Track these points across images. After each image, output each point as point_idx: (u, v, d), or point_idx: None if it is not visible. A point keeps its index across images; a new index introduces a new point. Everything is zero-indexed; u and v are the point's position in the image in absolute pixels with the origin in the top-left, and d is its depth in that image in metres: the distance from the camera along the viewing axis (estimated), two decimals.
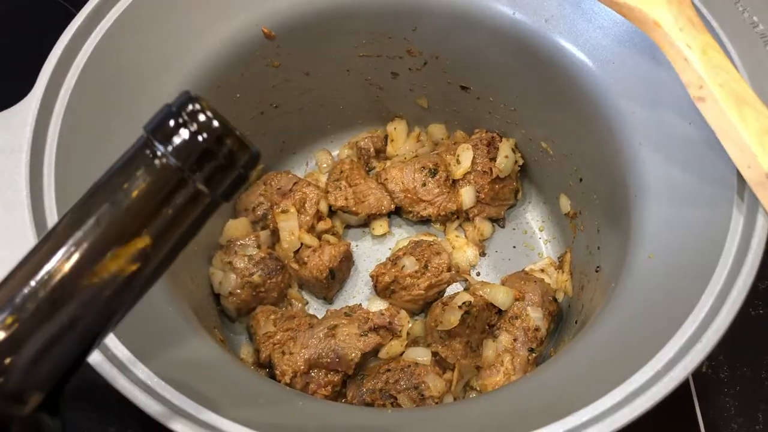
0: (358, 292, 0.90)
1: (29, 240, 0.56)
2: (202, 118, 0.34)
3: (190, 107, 0.35)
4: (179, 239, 0.36)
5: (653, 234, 0.64)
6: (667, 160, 0.66)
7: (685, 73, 0.59)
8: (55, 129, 0.62)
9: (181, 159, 0.34)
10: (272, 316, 0.81)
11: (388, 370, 0.76)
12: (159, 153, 0.34)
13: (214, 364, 0.60)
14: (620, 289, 0.63)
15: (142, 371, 0.52)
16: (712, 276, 0.55)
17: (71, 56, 0.66)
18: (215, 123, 0.35)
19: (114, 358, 0.53)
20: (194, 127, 0.34)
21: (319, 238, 0.89)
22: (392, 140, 0.99)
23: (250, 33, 0.79)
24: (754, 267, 0.54)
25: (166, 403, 0.51)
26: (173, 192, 0.35)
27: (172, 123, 0.34)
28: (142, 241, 0.34)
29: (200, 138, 0.34)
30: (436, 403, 0.74)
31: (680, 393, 0.84)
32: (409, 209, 0.92)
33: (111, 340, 0.54)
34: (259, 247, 0.85)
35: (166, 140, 0.34)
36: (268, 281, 0.83)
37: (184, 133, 0.34)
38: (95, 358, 0.52)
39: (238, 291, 0.82)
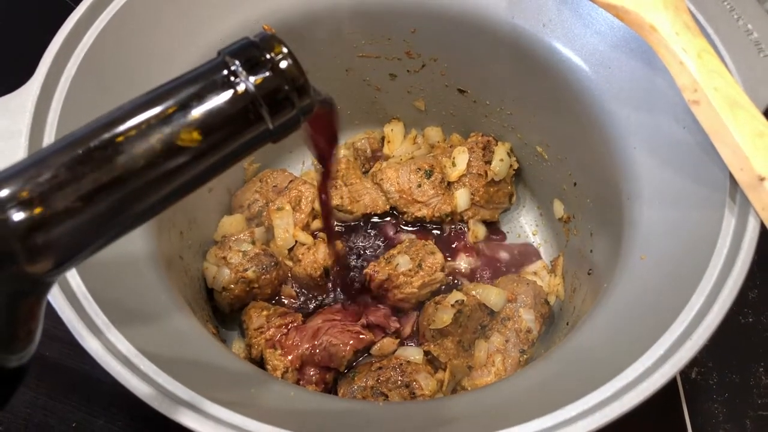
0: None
1: None
2: (281, 55, 0.38)
3: (273, 43, 0.39)
4: (221, 158, 0.38)
5: (646, 236, 0.64)
6: (660, 164, 0.67)
7: (680, 76, 0.60)
8: (55, 115, 0.62)
9: (258, 87, 0.37)
10: (265, 312, 0.81)
11: (380, 368, 0.76)
12: (237, 75, 0.37)
13: (207, 353, 0.60)
14: (612, 289, 0.63)
15: (135, 356, 0.52)
16: (703, 276, 0.55)
17: (72, 45, 0.66)
18: (292, 63, 0.39)
19: (108, 342, 0.53)
20: (274, 62, 0.38)
21: (314, 237, 0.89)
22: (389, 142, 1.00)
23: (250, 30, 0.79)
24: (744, 267, 0.55)
25: (158, 387, 0.51)
26: (240, 112, 0.37)
27: (255, 53, 0.38)
28: (194, 143, 0.37)
29: (278, 74, 0.38)
30: None
31: (669, 399, 0.85)
32: (404, 210, 0.92)
33: (107, 327, 0.54)
34: (253, 243, 0.86)
35: (246, 67, 0.37)
36: (262, 277, 0.83)
37: (264, 65, 0.38)
38: (92, 345, 0.52)
39: (232, 286, 0.83)
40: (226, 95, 0.37)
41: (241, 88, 0.37)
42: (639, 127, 0.69)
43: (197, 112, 0.36)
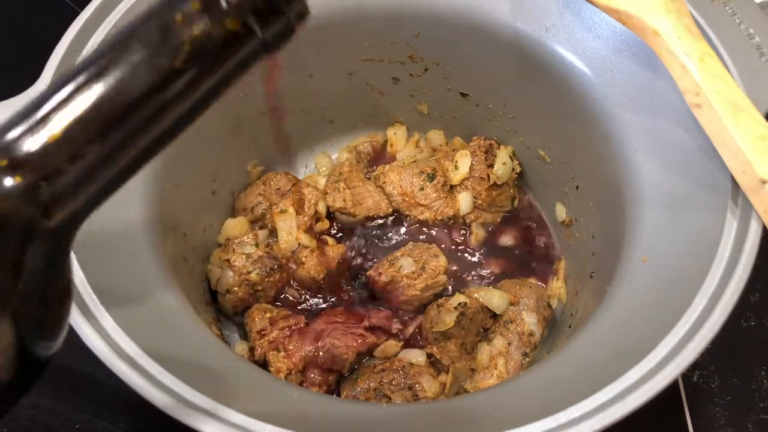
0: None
1: None
2: None
3: None
4: (215, 83, 0.36)
5: (648, 238, 0.65)
6: (662, 167, 0.67)
7: (682, 80, 0.60)
8: None
9: None
10: (268, 314, 0.82)
11: (383, 370, 0.77)
12: None
13: (211, 353, 0.60)
14: (614, 291, 0.64)
15: (140, 356, 0.53)
16: (706, 278, 0.56)
17: (78, 48, 0.67)
18: None
19: (113, 343, 0.53)
20: None
21: (317, 240, 0.90)
22: (391, 145, 1.00)
23: None
24: (746, 270, 0.55)
25: (171, 393, 0.51)
26: (226, 27, 0.35)
27: None
28: (187, 69, 0.35)
29: None
30: None
31: (671, 402, 0.85)
32: (407, 213, 0.92)
33: (111, 327, 0.54)
34: (257, 245, 0.86)
35: None
36: (266, 280, 0.84)
37: None
38: (97, 345, 0.52)
39: (236, 289, 0.83)
40: (213, 11, 0.34)
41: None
42: (641, 131, 0.70)
43: (184, 33, 0.34)
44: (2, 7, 1.18)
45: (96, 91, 0.34)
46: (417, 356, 0.79)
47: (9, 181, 0.32)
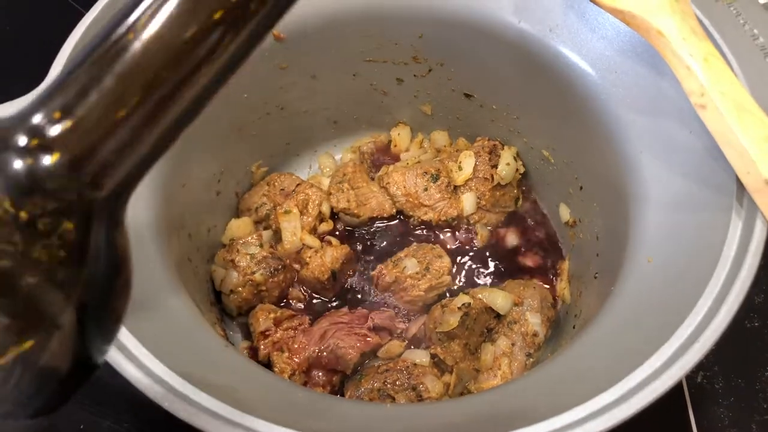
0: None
1: None
2: None
3: None
4: (252, 31, 0.35)
5: (652, 239, 0.65)
6: (667, 168, 0.67)
7: (686, 80, 0.60)
8: None
9: None
10: (272, 315, 0.82)
11: (387, 370, 0.77)
12: None
13: (216, 355, 0.60)
14: (618, 291, 0.64)
15: (145, 357, 0.53)
16: (711, 279, 0.56)
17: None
18: None
19: (123, 347, 0.53)
20: None
21: (321, 240, 0.90)
22: (395, 146, 1.00)
23: None
24: (751, 271, 0.55)
25: (169, 388, 0.51)
26: None
27: None
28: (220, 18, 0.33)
29: None
30: None
31: (675, 403, 0.85)
32: (411, 213, 0.93)
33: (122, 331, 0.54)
34: (261, 246, 0.86)
35: None
36: (270, 280, 0.84)
37: None
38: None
39: (240, 289, 0.83)
40: None
41: None
42: (645, 132, 0.70)
43: None
44: (5, 9, 1.19)
45: (134, 48, 0.32)
46: (421, 356, 0.79)
47: (47, 160, 0.31)
